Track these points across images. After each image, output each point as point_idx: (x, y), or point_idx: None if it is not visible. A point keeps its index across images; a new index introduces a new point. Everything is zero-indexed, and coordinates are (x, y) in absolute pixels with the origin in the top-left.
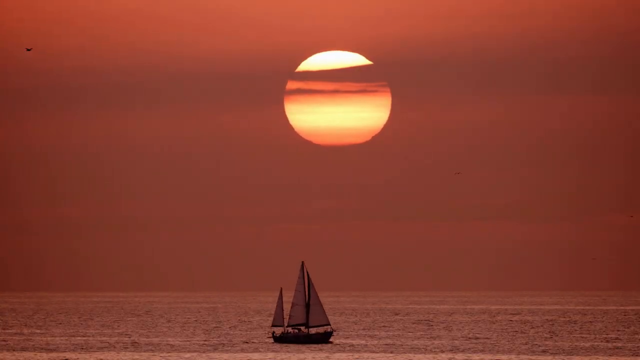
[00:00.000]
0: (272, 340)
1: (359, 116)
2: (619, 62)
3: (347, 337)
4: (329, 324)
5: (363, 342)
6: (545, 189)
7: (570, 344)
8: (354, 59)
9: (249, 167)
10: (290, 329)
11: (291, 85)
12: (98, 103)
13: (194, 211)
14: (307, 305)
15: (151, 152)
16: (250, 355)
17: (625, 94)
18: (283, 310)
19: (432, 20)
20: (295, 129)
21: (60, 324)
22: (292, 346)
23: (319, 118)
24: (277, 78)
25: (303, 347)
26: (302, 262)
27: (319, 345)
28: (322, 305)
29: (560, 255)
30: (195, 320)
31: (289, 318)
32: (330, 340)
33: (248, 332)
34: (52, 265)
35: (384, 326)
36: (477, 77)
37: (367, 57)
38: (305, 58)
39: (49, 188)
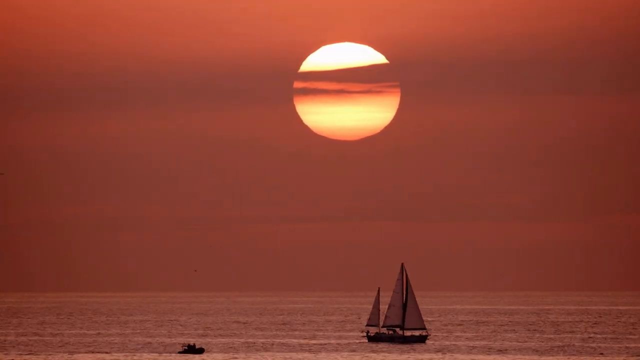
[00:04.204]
0: (366, 339)
1: (359, 117)
2: (633, 64)
3: (441, 339)
4: (425, 328)
5: (456, 343)
6: (561, 189)
7: None
8: (372, 57)
9: (258, 168)
10: (385, 330)
11: (298, 84)
12: (90, 105)
13: (199, 212)
14: (404, 307)
15: (156, 154)
16: (346, 354)
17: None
18: (379, 310)
19: (446, 21)
20: (311, 127)
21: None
22: (388, 346)
23: (319, 118)
24: (284, 76)
25: (398, 348)
26: (402, 263)
27: (414, 346)
28: (418, 309)
29: (575, 255)
30: (289, 321)
31: (385, 319)
32: (425, 343)
33: (343, 332)
34: (39, 266)
35: (472, 327)
36: (490, 79)
37: (386, 57)
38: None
39: (35, 189)
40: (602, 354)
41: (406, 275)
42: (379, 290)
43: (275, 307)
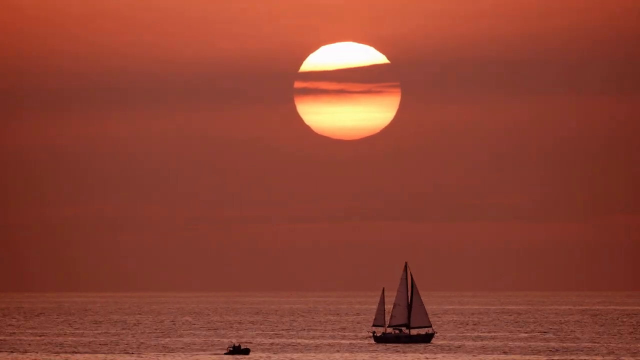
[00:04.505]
0: (372, 340)
1: (359, 117)
2: (633, 64)
3: (442, 339)
4: (431, 326)
5: (464, 343)
6: (561, 189)
7: None
8: (372, 57)
9: (258, 168)
10: (391, 330)
11: (298, 84)
12: (90, 105)
13: (199, 212)
14: (409, 306)
15: (156, 154)
16: (353, 355)
17: None
18: (384, 310)
19: (446, 21)
20: (311, 127)
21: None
22: (394, 346)
23: (319, 118)
24: (284, 76)
25: (405, 348)
26: (406, 262)
27: (421, 346)
28: (424, 307)
29: (575, 255)
30: (293, 320)
31: (391, 318)
32: (431, 341)
33: (348, 333)
34: (39, 266)
35: (482, 326)
36: (490, 79)
37: (387, 57)
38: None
39: (35, 189)
40: (604, 354)
41: (410, 274)
42: (383, 290)
43: (277, 307)
